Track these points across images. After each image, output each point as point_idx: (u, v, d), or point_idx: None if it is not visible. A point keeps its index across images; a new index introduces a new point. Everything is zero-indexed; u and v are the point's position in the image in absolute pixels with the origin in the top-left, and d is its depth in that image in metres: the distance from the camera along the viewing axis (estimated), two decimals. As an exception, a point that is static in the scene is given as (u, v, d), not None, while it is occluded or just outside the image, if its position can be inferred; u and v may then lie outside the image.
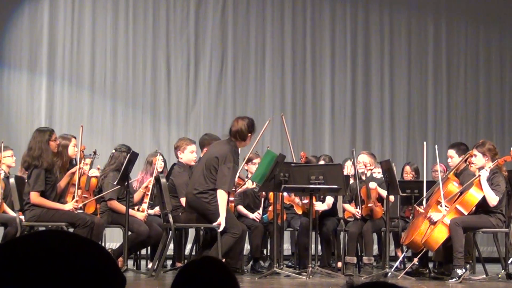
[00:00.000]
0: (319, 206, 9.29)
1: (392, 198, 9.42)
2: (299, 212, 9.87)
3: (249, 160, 9.85)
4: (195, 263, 2.70)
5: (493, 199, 8.35)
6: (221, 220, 8.04)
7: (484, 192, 8.38)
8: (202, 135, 9.80)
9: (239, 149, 8.65)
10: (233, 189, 8.94)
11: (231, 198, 8.93)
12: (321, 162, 10.04)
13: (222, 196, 8.17)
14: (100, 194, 8.95)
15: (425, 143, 9.54)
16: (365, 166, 9.75)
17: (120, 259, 8.61)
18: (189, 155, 9.21)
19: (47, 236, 1.70)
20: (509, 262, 9.26)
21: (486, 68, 13.31)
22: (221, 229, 8.05)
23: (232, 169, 8.25)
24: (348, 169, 10.02)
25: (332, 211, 9.74)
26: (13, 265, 1.61)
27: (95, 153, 9.21)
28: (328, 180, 8.69)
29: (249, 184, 9.43)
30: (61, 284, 1.59)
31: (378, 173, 9.71)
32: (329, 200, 9.49)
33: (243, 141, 8.47)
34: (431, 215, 8.53)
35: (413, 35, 13.23)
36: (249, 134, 8.46)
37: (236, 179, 9.08)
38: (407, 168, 10.54)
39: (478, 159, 8.61)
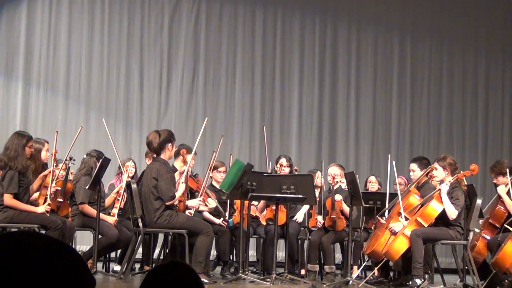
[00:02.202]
0: (299, 218, 9.49)
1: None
2: (264, 223, 9.92)
3: (215, 168, 9.87)
4: (162, 267, 2.71)
5: (452, 213, 8.41)
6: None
7: (444, 205, 8.43)
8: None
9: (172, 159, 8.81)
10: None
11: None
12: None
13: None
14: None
15: (389, 156, 9.57)
16: (333, 178, 9.80)
17: (90, 261, 8.60)
18: (159, 162, 9.23)
19: (19, 237, 1.70)
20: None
21: (448, 86, 13.41)
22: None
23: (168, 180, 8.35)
24: (315, 180, 10.04)
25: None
26: None
27: (71, 159, 9.17)
28: (299, 190, 8.72)
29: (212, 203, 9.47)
30: (32, 284, 1.59)
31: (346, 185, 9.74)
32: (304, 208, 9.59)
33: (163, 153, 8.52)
34: (393, 226, 8.57)
35: (379, 52, 13.31)
36: (167, 145, 8.48)
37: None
38: (372, 178, 10.61)
39: (439, 172, 8.66)
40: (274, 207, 9.29)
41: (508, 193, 8.88)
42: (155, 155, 8.53)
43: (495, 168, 9.24)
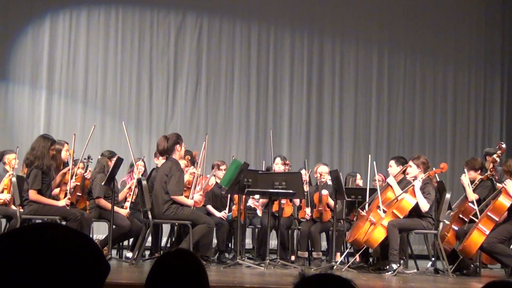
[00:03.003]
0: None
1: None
2: (260, 214, 9.93)
3: (217, 167, 9.90)
4: (169, 254, 2.68)
5: (424, 206, 8.43)
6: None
7: (417, 199, 8.45)
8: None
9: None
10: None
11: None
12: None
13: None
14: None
15: (369, 156, 9.58)
16: (320, 175, 9.83)
17: (106, 248, 8.58)
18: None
19: (42, 227, 1.69)
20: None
21: (420, 94, 13.42)
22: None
23: (177, 178, 8.36)
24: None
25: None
26: (14, 253, 1.59)
27: (89, 157, 9.20)
28: (289, 186, 8.73)
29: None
30: (54, 269, 1.58)
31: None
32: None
33: (174, 154, 8.53)
34: (372, 217, 8.58)
35: (360, 65, 13.31)
36: (176, 146, 8.49)
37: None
38: (357, 175, 10.67)
39: (413, 169, 8.71)
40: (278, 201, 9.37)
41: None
42: (167, 156, 8.54)
43: (470, 163, 9.28)
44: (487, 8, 13.47)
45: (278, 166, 10.05)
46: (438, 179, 9.29)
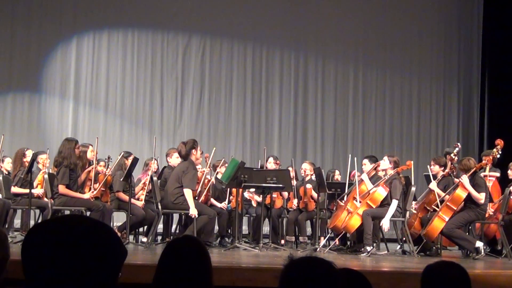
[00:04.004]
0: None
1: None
2: (255, 205, 9.94)
3: (218, 166, 9.92)
4: (178, 239, 2.68)
5: (393, 197, 8.50)
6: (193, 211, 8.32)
7: (388, 191, 8.51)
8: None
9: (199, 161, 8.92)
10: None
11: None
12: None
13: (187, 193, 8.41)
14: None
15: (350, 155, 9.62)
16: (305, 171, 9.89)
17: (124, 233, 8.57)
18: (176, 159, 9.28)
19: (71, 219, 1.71)
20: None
21: (390, 103, 13.44)
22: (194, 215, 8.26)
23: (191, 175, 8.40)
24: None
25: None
26: (47, 240, 1.62)
27: (109, 158, 9.27)
28: (279, 181, 8.74)
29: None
30: (80, 253, 1.59)
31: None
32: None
33: (191, 156, 8.59)
34: (349, 207, 8.60)
35: (339, 79, 13.33)
36: (193, 150, 8.56)
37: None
38: (337, 171, 10.67)
39: (386, 163, 8.77)
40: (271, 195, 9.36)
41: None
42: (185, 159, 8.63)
43: (437, 160, 9.33)
44: (446, 30, 13.49)
45: (271, 165, 10.07)
46: (405, 175, 9.30)
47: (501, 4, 12.56)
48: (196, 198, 8.86)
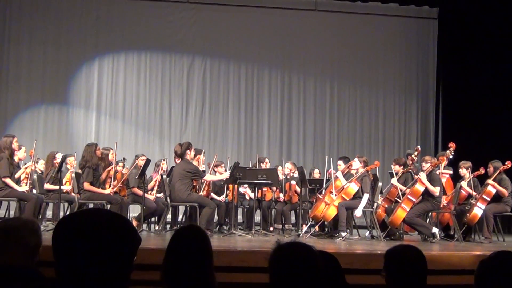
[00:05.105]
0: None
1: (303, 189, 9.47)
2: (248, 198, 9.94)
3: (217, 165, 9.89)
4: (183, 227, 2.68)
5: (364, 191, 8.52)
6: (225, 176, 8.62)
7: (360, 186, 8.54)
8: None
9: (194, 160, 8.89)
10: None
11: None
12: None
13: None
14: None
15: (327, 156, 9.65)
16: (290, 170, 9.90)
17: (138, 223, 8.55)
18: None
19: (94, 212, 1.71)
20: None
21: (360, 113, 13.44)
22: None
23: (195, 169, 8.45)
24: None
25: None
26: (74, 229, 1.63)
27: (124, 159, 9.27)
28: (269, 178, 8.75)
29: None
30: (102, 240, 1.60)
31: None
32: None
33: (185, 156, 8.56)
34: (326, 199, 8.60)
35: (317, 92, 13.33)
36: (187, 151, 8.54)
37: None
38: (316, 170, 10.67)
39: (357, 163, 8.80)
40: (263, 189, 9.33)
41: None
42: (181, 158, 8.59)
43: (397, 160, 9.39)
44: (407, 51, 13.50)
45: (263, 165, 10.02)
46: (373, 173, 9.33)
47: (453, 29, 12.63)
48: (197, 191, 8.85)
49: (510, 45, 12.01)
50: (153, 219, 9.67)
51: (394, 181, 8.95)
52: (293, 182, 9.78)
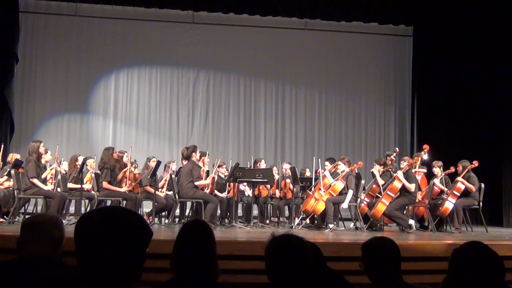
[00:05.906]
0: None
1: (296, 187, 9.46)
2: (247, 194, 9.92)
3: (219, 166, 9.89)
4: (190, 221, 2.68)
5: (349, 187, 8.50)
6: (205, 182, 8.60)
7: (345, 183, 8.53)
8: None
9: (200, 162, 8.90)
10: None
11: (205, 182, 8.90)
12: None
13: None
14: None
15: (314, 157, 9.64)
16: (285, 170, 9.90)
17: (150, 218, 8.54)
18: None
19: (111, 209, 1.72)
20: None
21: (345, 119, 13.43)
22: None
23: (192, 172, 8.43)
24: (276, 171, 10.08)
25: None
26: (94, 224, 1.64)
27: (135, 161, 9.27)
28: (265, 177, 8.74)
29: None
30: (119, 234, 1.60)
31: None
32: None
33: (192, 158, 8.58)
34: (316, 195, 8.59)
35: (308, 100, 13.32)
36: (193, 153, 8.57)
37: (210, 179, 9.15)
38: (308, 169, 10.67)
39: (342, 166, 8.76)
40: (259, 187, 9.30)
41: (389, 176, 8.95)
42: (187, 159, 8.60)
43: (378, 160, 9.40)
44: (385, 66, 13.52)
45: (260, 165, 10.00)
46: (357, 172, 9.33)
47: (426, 45, 12.66)
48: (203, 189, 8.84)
49: (473, 60, 12.10)
50: (163, 213, 9.67)
51: (375, 171, 8.98)
52: (287, 180, 9.79)
